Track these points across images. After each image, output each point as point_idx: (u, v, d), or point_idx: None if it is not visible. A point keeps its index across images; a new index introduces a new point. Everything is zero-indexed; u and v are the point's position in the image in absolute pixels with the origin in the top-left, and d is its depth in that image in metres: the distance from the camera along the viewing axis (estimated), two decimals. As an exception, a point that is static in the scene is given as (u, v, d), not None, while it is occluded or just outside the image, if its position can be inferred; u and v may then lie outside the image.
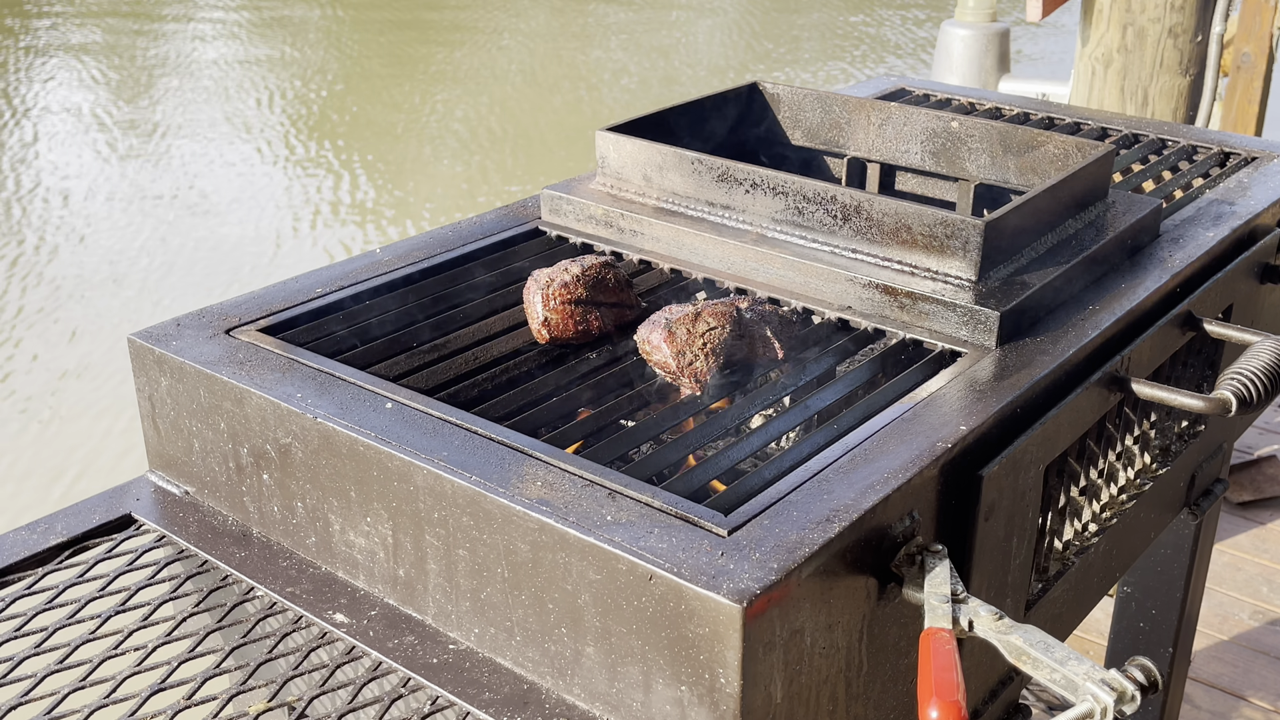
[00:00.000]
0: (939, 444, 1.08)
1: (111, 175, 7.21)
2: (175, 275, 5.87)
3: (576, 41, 10.45)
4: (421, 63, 9.67)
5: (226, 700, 1.04)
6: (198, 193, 6.93)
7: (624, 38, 10.52)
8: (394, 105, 8.58)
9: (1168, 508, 1.58)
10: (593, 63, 9.87)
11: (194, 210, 6.69)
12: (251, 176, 7.19)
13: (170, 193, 6.94)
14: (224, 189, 6.98)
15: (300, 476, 1.17)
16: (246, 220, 6.56)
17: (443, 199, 6.91)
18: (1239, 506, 3.35)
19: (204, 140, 7.79)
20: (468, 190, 7.06)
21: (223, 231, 6.39)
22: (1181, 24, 3.23)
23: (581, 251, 1.54)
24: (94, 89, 8.93)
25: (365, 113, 8.42)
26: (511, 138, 7.97)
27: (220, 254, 6.11)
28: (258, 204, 6.79)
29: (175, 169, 7.32)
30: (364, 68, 9.61)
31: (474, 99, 8.71)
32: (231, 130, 7.98)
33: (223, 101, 8.57)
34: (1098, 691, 0.88)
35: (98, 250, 6.16)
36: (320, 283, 1.42)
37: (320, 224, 6.53)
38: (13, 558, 1.21)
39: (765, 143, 1.79)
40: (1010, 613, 1.23)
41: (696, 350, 1.21)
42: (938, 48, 5.18)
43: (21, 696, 1.04)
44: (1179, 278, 1.44)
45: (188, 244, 6.22)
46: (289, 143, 7.81)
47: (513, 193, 6.95)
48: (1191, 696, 2.73)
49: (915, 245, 1.33)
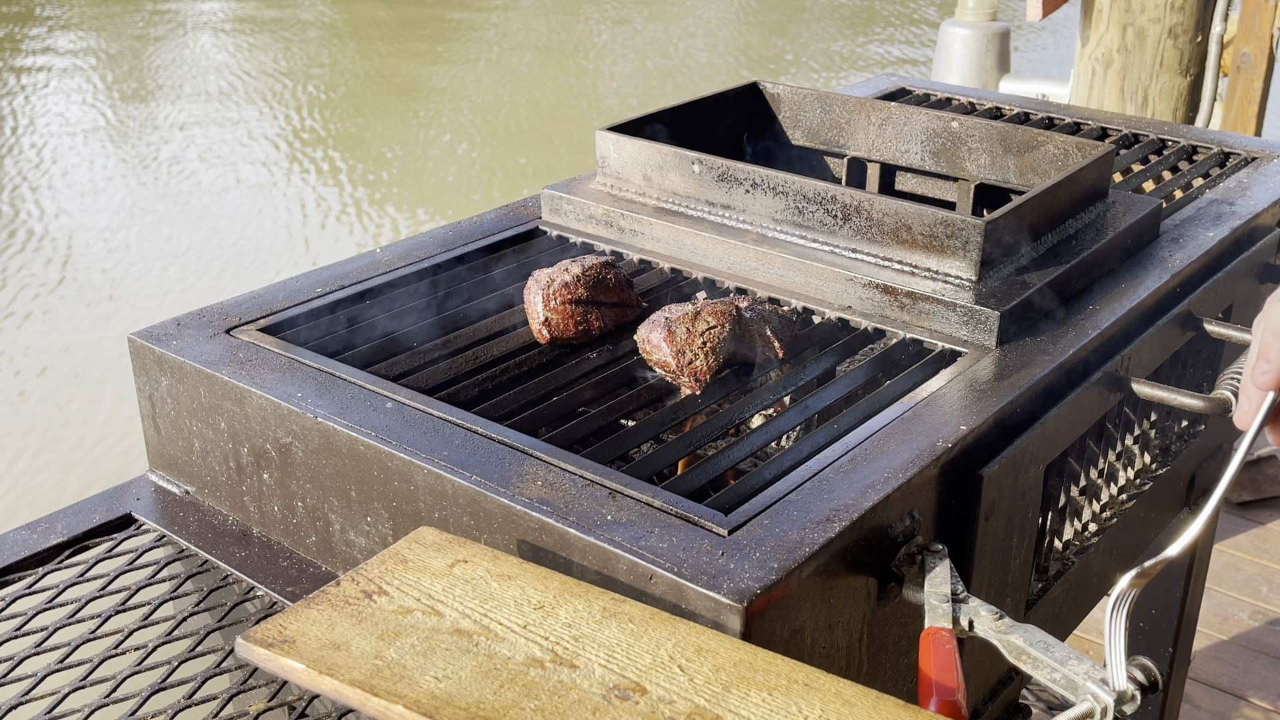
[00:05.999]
0: (939, 444, 1.08)
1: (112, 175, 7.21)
2: (175, 275, 5.87)
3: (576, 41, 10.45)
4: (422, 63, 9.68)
5: (226, 700, 1.04)
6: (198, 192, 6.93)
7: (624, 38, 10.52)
8: (394, 105, 8.59)
9: (1167, 508, 1.58)
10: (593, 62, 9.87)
11: (194, 210, 6.69)
12: (251, 176, 7.19)
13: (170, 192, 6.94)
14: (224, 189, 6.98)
15: (300, 476, 1.18)
16: (246, 220, 6.56)
17: (443, 199, 6.91)
18: (1239, 506, 3.35)
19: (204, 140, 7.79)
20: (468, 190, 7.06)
21: (223, 231, 6.39)
22: (1181, 24, 3.23)
23: (582, 251, 1.54)
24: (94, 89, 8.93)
25: (365, 112, 8.42)
26: (512, 137, 7.97)
27: (220, 254, 6.11)
28: (258, 204, 6.79)
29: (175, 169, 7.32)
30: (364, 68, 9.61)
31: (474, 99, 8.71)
32: (232, 130, 7.98)
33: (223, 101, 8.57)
34: (1098, 691, 0.88)
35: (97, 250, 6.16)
36: (320, 282, 1.42)
37: (320, 224, 6.53)
38: (13, 557, 1.21)
39: (765, 142, 1.79)
40: (1010, 613, 1.23)
41: (696, 349, 1.21)
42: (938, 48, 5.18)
43: (22, 696, 1.04)
44: (1179, 278, 1.44)
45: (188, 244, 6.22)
46: (289, 143, 7.81)
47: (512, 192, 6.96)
48: (1191, 696, 2.73)
49: (915, 245, 1.33)
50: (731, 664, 0.77)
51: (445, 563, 0.88)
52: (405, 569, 0.88)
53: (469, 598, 0.84)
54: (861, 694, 0.75)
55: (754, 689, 0.75)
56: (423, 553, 0.89)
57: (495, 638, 0.79)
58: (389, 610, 0.82)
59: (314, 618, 0.82)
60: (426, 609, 0.82)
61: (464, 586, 0.85)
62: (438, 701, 0.72)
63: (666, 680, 0.75)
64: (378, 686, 0.74)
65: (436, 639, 0.79)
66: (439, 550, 0.90)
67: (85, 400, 4.79)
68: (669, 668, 0.76)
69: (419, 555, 0.89)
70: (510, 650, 0.78)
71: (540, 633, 0.79)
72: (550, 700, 0.73)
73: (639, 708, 0.73)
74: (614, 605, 0.83)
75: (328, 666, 0.76)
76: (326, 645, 0.78)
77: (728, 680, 0.75)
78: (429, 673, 0.75)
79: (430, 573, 0.87)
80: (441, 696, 0.73)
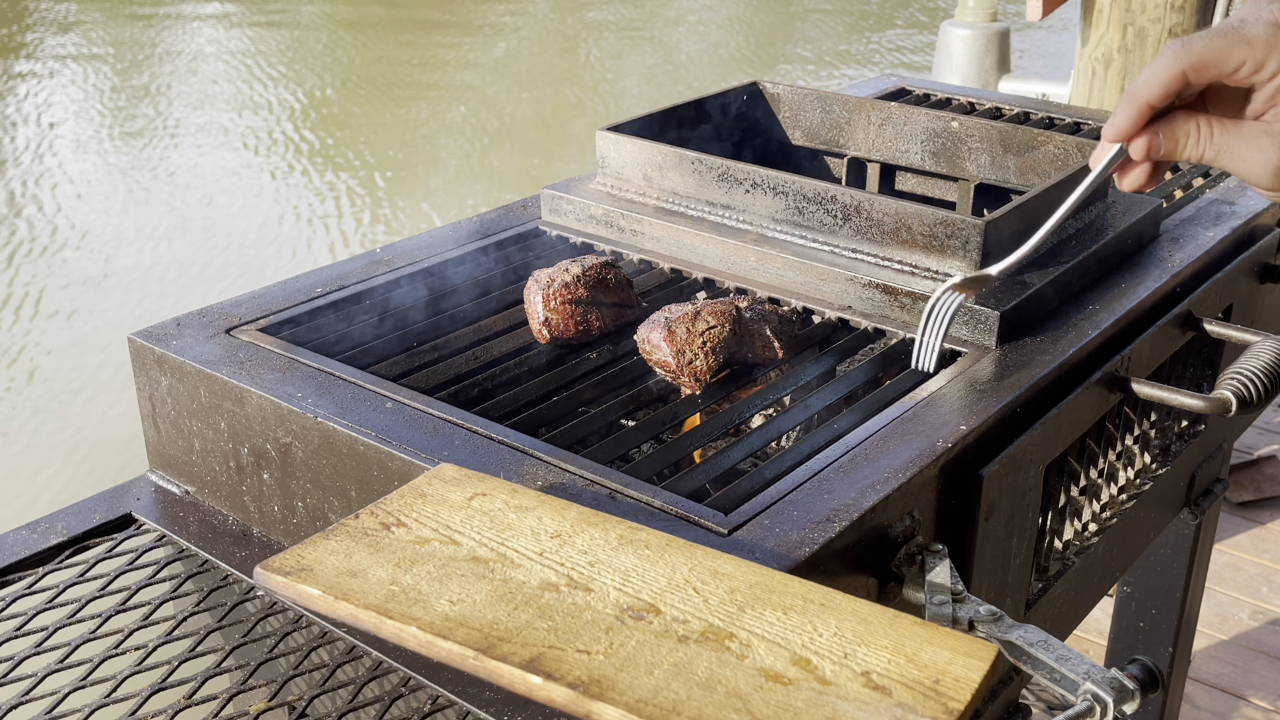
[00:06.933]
0: (939, 444, 1.08)
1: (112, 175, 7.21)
2: (175, 275, 5.87)
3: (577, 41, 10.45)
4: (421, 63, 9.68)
5: (226, 700, 1.04)
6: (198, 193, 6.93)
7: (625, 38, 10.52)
8: (394, 106, 8.59)
9: (1168, 507, 1.58)
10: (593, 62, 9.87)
11: (194, 210, 6.69)
12: (251, 176, 7.19)
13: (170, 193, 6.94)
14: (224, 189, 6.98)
15: (300, 476, 1.18)
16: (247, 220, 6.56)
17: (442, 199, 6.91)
18: (1239, 506, 3.35)
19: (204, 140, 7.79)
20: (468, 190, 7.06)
21: (223, 231, 6.40)
22: (1182, 24, 3.23)
23: (582, 251, 1.54)
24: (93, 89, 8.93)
25: (365, 112, 8.42)
26: (512, 137, 7.97)
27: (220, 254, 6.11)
28: (258, 204, 6.79)
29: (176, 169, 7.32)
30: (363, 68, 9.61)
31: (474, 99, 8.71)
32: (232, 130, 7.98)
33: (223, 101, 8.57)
34: (1098, 691, 0.88)
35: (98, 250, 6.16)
36: (320, 282, 1.42)
37: (320, 224, 6.53)
38: (13, 557, 1.21)
39: (765, 142, 1.79)
40: (1010, 612, 1.23)
41: (696, 349, 1.21)
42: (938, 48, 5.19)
43: (21, 696, 1.04)
44: (1179, 277, 1.44)
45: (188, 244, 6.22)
46: (289, 143, 7.81)
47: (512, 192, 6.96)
48: (1191, 696, 2.73)
49: (915, 245, 1.33)
50: (747, 586, 0.78)
51: (464, 496, 0.90)
52: (424, 502, 0.90)
53: (486, 528, 0.85)
54: (878, 612, 0.75)
55: (769, 609, 0.76)
56: (442, 487, 0.91)
57: (511, 564, 0.80)
58: (406, 540, 0.84)
59: (332, 548, 0.84)
60: (444, 539, 0.84)
61: (482, 518, 0.86)
62: (451, 623, 0.74)
63: (681, 602, 0.76)
64: (393, 610, 0.75)
65: (452, 566, 0.80)
66: (458, 485, 0.92)
67: (85, 400, 4.79)
68: (684, 590, 0.77)
69: (438, 489, 0.91)
70: (525, 575, 0.79)
71: (556, 559, 0.81)
72: (564, 621, 0.74)
73: (652, 627, 0.74)
74: (630, 533, 0.85)
75: (344, 592, 0.78)
76: (343, 573, 0.80)
77: (743, 601, 0.76)
78: (444, 597, 0.77)
79: (449, 505, 0.88)
80: (455, 618, 0.74)
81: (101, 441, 4.51)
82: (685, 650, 0.71)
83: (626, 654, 0.71)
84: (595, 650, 0.71)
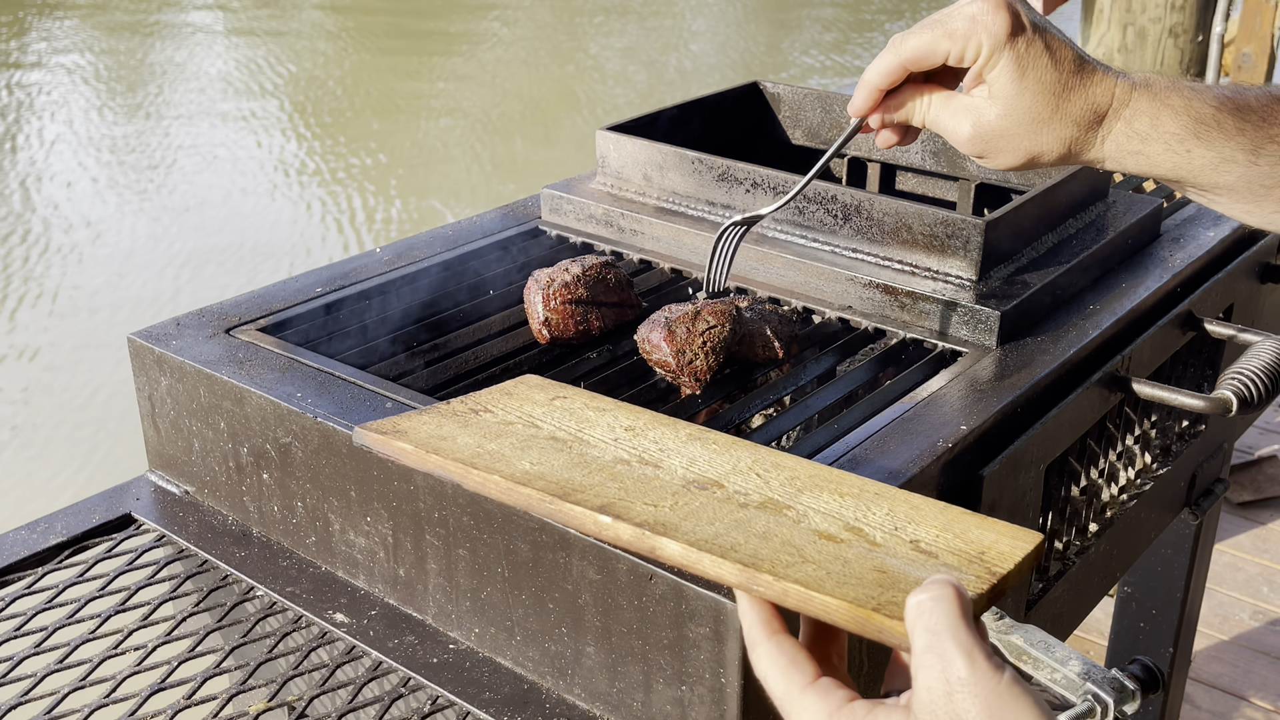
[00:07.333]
0: (939, 443, 1.08)
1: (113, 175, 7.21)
2: (175, 275, 5.87)
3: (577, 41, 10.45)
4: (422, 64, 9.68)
5: (226, 700, 1.04)
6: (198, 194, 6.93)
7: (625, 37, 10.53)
8: (393, 106, 8.59)
9: (1168, 508, 1.58)
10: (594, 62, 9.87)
11: (193, 210, 6.69)
12: (251, 177, 7.19)
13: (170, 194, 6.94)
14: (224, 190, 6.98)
15: (300, 476, 1.17)
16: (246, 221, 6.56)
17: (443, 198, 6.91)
18: (1239, 506, 3.35)
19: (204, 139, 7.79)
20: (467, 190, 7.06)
21: (223, 232, 6.40)
22: (1182, 24, 3.23)
23: (582, 251, 1.54)
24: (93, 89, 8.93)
25: (365, 112, 8.42)
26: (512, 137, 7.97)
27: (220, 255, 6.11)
28: (257, 204, 6.79)
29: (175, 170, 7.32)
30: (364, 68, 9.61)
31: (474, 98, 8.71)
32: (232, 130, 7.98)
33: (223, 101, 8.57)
34: (1098, 691, 0.88)
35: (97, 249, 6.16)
36: (320, 282, 1.42)
37: (320, 224, 6.53)
38: (13, 557, 1.21)
39: (766, 142, 1.79)
40: (1011, 613, 1.22)
41: (696, 349, 1.21)
42: (938, 48, 5.18)
43: (21, 696, 1.04)
44: (1179, 277, 1.44)
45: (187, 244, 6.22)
46: (289, 144, 7.81)
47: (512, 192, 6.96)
48: (1192, 696, 2.73)
49: (916, 245, 1.33)
50: (807, 475, 0.85)
51: (547, 397, 0.99)
52: (510, 399, 0.98)
53: (566, 419, 0.94)
54: (929, 502, 0.81)
55: (826, 492, 0.82)
56: (526, 390, 1.00)
57: (587, 445, 0.89)
58: (492, 422, 0.93)
59: (425, 420, 0.92)
60: (526, 423, 0.93)
61: (562, 413, 0.95)
62: (530, 476, 0.82)
63: (743, 481, 0.83)
64: (478, 463, 0.84)
65: (534, 441, 0.89)
66: (542, 389, 1.01)
67: (85, 400, 4.79)
68: (747, 474, 0.85)
69: (523, 391, 1.00)
70: (600, 453, 0.88)
71: (629, 445, 0.89)
72: (634, 484, 0.82)
73: (715, 495, 0.81)
74: (699, 432, 0.92)
75: (434, 448, 0.86)
76: (434, 436, 0.89)
77: (802, 485, 0.83)
78: (525, 460, 0.85)
79: (532, 402, 0.98)
80: (534, 473, 0.83)
81: (101, 441, 4.51)
82: (745, 513, 0.78)
83: (690, 510, 0.78)
84: (661, 505, 0.79)
